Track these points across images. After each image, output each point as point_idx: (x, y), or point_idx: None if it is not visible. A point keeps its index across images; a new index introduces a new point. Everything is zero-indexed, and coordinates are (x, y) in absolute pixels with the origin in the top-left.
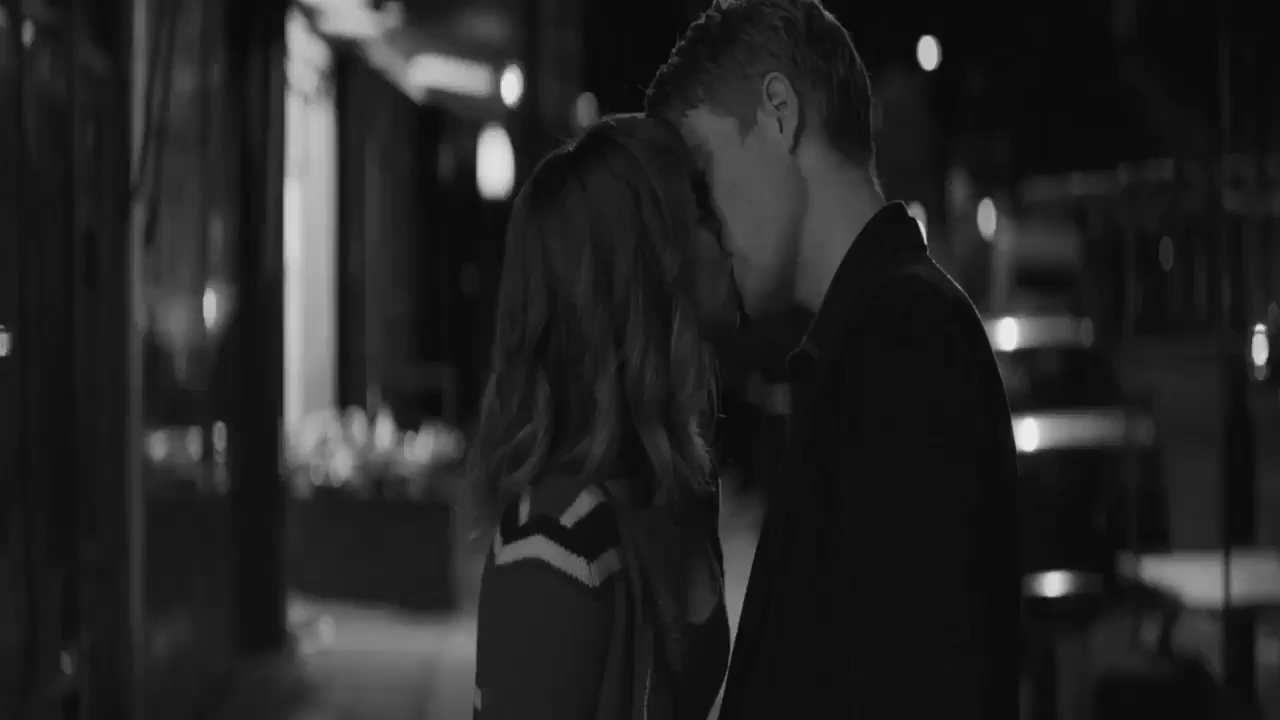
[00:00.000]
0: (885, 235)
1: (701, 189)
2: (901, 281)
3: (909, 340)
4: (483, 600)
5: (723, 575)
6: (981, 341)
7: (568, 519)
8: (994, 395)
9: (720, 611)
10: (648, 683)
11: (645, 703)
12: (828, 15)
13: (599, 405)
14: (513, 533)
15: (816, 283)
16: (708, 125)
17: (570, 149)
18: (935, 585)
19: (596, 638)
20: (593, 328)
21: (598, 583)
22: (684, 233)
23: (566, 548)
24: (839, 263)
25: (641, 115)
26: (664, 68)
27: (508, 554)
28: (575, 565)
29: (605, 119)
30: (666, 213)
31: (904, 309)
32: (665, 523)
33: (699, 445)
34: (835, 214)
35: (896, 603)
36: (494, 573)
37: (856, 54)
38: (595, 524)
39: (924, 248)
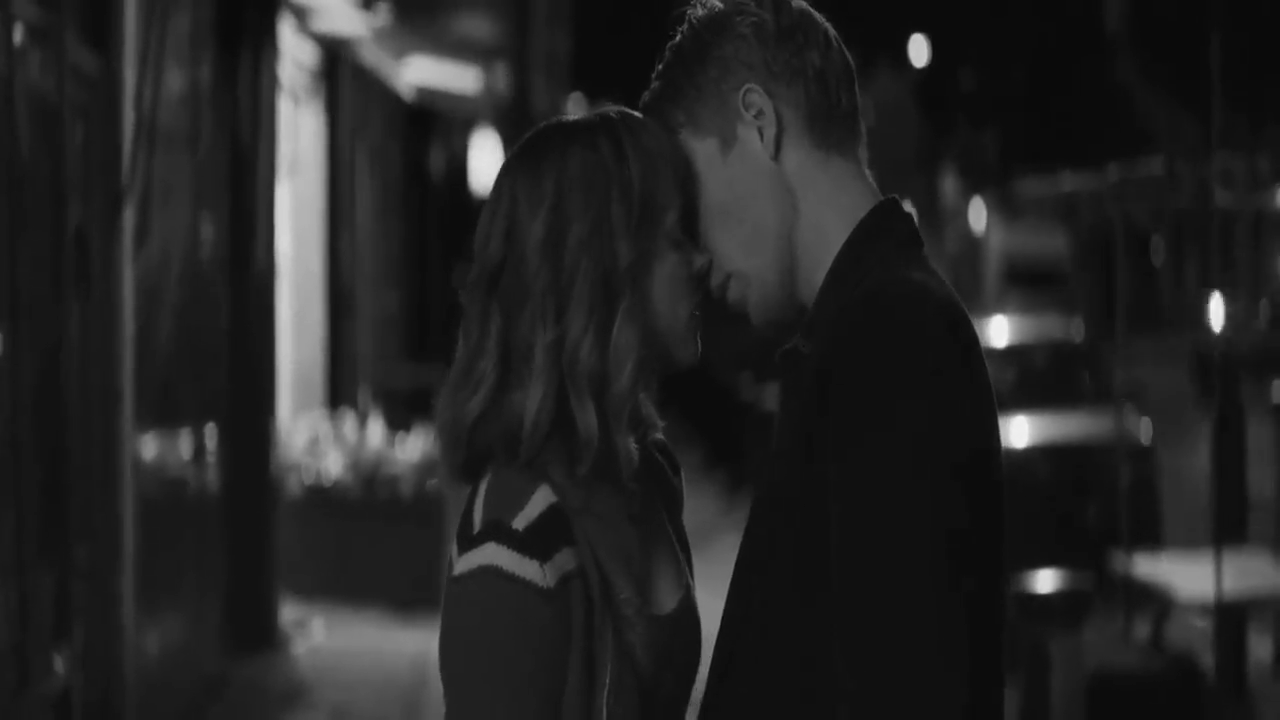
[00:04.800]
0: (878, 234)
1: (690, 214)
2: (892, 283)
3: (897, 344)
4: (443, 611)
5: (690, 566)
6: (971, 344)
7: (519, 522)
8: (983, 398)
9: (688, 601)
10: (608, 679)
11: (605, 699)
12: (795, 5)
13: (535, 364)
14: (467, 542)
15: (813, 281)
16: (691, 148)
17: (573, 118)
18: (918, 590)
19: (555, 639)
20: (536, 281)
21: (552, 584)
22: (647, 232)
23: (519, 552)
24: (833, 259)
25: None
26: (645, 95)
27: (463, 564)
28: (529, 569)
29: (617, 109)
30: (635, 206)
31: (893, 312)
32: (620, 515)
33: (630, 442)
34: (826, 214)
35: (879, 606)
36: (452, 583)
37: (832, 34)
38: (547, 525)
39: (920, 244)
